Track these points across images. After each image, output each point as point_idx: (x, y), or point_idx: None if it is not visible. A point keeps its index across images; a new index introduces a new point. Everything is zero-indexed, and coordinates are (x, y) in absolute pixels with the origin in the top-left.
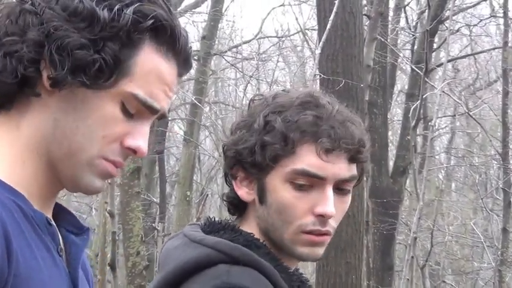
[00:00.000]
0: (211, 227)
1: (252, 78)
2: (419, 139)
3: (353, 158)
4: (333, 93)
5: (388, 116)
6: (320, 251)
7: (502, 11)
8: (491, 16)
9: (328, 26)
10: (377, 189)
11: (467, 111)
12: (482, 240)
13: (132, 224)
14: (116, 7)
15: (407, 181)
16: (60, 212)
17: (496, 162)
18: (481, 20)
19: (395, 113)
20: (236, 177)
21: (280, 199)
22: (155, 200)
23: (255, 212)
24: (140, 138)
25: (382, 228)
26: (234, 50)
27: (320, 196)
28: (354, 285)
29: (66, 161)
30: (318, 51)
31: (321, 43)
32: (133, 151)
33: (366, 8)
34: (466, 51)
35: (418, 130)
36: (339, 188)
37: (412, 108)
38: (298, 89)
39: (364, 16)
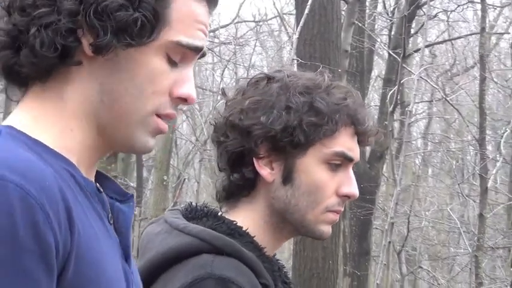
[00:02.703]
0: (193, 213)
1: (229, 63)
2: (396, 124)
3: (365, 142)
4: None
5: (365, 101)
6: (331, 228)
7: None
8: (469, 2)
9: (306, 11)
10: (354, 175)
11: (444, 96)
12: (458, 226)
13: None
14: None
15: (384, 166)
16: (100, 179)
17: (472, 148)
18: (459, 6)
19: (372, 98)
20: (260, 157)
21: (314, 180)
22: (132, 184)
23: (269, 193)
24: (188, 84)
25: (359, 214)
26: (211, 34)
27: (345, 177)
28: (331, 270)
29: (118, 123)
30: (295, 36)
31: (298, 28)
32: (184, 99)
33: None
34: (443, 36)
35: (395, 115)
36: None
37: (389, 94)
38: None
39: (341, 1)
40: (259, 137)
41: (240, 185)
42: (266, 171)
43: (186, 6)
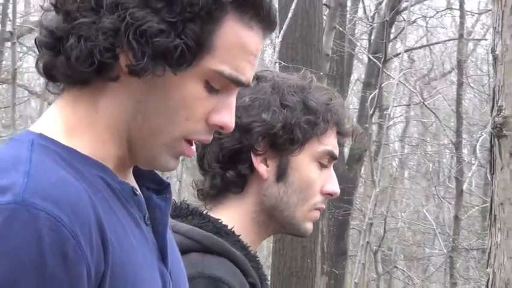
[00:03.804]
0: (177, 211)
1: None
2: (374, 127)
3: (343, 142)
4: None
5: (345, 104)
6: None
7: (458, 4)
8: (447, 8)
9: (290, 15)
10: None
11: (422, 100)
12: (434, 227)
13: None
14: None
15: (362, 168)
16: (139, 170)
17: (449, 151)
18: (437, 12)
19: (352, 101)
20: (258, 154)
21: (306, 177)
22: None
23: (260, 190)
24: (226, 113)
25: (337, 214)
26: None
27: (328, 176)
28: (309, 269)
29: (145, 142)
30: (278, 39)
31: (281, 31)
32: (220, 127)
33: None
34: (422, 42)
35: (374, 118)
36: None
37: (370, 97)
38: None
39: (323, 6)
40: (260, 134)
41: (233, 182)
42: (263, 167)
43: (235, 34)
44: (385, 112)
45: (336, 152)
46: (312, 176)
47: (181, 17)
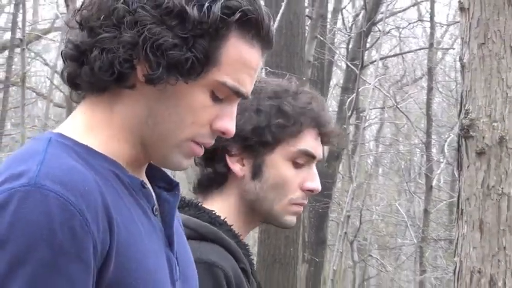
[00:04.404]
0: None
1: None
2: (351, 128)
3: (327, 142)
4: None
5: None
6: (295, 219)
7: (429, 16)
8: (419, 20)
9: (275, 25)
10: None
11: (395, 104)
12: (405, 220)
13: None
14: (206, 5)
15: (340, 165)
16: (153, 170)
17: (419, 151)
18: (410, 23)
19: (331, 104)
20: (232, 154)
21: (280, 175)
22: None
23: (240, 186)
24: (228, 120)
25: (317, 207)
26: None
27: (309, 173)
28: (292, 257)
29: (157, 144)
30: None
31: None
32: (222, 132)
33: (308, 9)
34: (395, 50)
35: (351, 120)
36: None
37: (348, 101)
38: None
39: (306, 17)
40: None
41: (212, 178)
42: (237, 167)
43: (237, 51)
44: (361, 114)
45: (315, 151)
46: (286, 174)
47: (192, 33)
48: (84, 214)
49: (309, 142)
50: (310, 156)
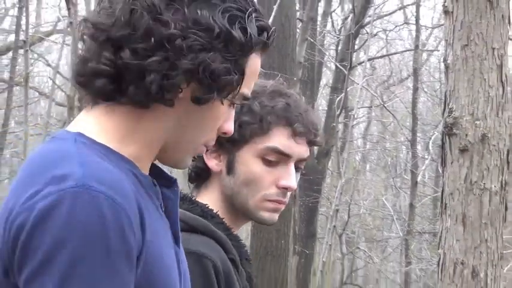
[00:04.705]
0: None
1: None
2: (340, 126)
3: (311, 142)
4: None
5: (315, 106)
6: (276, 216)
7: (415, 19)
8: (405, 23)
9: None
10: (304, 168)
11: (382, 103)
12: (391, 214)
13: None
14: (248, 26)
15: (329, 162)
16: (151, 166)
17: (405, 148)
18: (396, 26)
19: (320, 103)
20: (208, 149)
21: (250, 171)
22: None
23: (220, 181)
24: (231, 122)
25: (307, 201)
26: None
27: (285, 171)
28: (283, 249)
29: (177, 148)
30: None
31: None
32: (225, 133)
33: (299, 12)
34: (382, 52)
35: (340, 118)
36: (296, 166)
37: (337, 100)
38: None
39: (297, 20)
40: None
41: (198, 173)
42: (213, 162)
43: (254, 64)
44: (349, 113)
45: (288, 150)
46: (256, 171)
47: (237, 55)
48: (128, 214)
49: (280, 140)
50: (281, 154)
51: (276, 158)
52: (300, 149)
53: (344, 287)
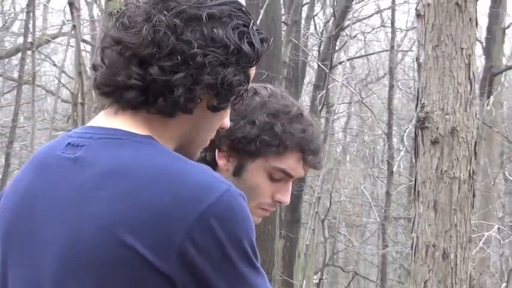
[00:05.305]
0: None
1: None
2: (322, 120)
3: (313, 167)
4: (257, 83)
5: (299, 102)
6: (261, 219)
7: (390, 22)
8: (381, 26)
9: None
10: None
11: (360, 99)
12: (369, 201)
13: None
14: (253, 40)
15: None
16: None
17: (382, 140)
18: (373, 29)
19: (304, 100)
20: (221, 150)
21: (255, 182)
22: None
23: (224, 177)
24: (228, 118)
25: (292, 190)
26: None
27: (283, 187)
28: (270, 233)
29: (192, 146)
30: None
31: None
32: (223, 128)
33: (284, 16)
34: (361, 52)
35: (322, 113)
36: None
37: (319, 97)
38: (279, 91)
39: (282, 23)
40: (223, 136)
41: (207, 162)
42: (223, 161)
43: (253, 70)
44: (331, 108)
45: (293, 172)
46: (260, 183)
47: (246, 67)
48: None
49: (289, 163)
50: (287, 175)
51: (280, 177)
52: (303, 172)
53: (326, 268)
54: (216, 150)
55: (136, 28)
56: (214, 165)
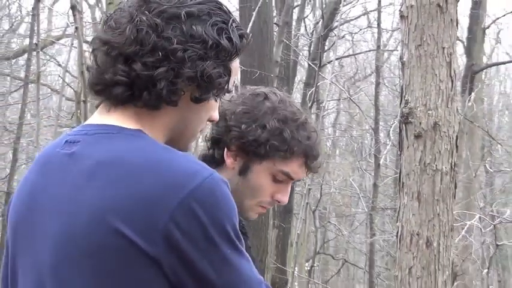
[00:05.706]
0: None
1: None
2: (312, 116)
3: (313, 171)
4: (250, 81)
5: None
6: (257, 215)
7: (377, 23)
8: (368, 27)
9: (247, 31)
10: None
11: (349, 96)
12: (358, 192)
13: None
14: (232, 35)
15: None
16: None
17: (369, 135)
18: (361, 29)
19: (295, 97)
20: (230, 150)
21: (259, 182)
22: None
23: (228, 174)
24: (217, 111)
25: None
26: None
27: (284, 188)
28: (263, 223)
29: (182, 139)
30: None
31: None
32: (212, 120)
33: (275, 18)
34: (349, 52)
35: (312, 110)
36: None
37: (309, 94)
38: (286, 98)
39: (274, 24)
40: (234, 137)
41: (214, 158)
42: (230, 160)
43: (236, 64)
44: (320, 105)
45: (295, 175)
46: (263, 183)
47: (226, 60)
48: None
49: (293, 167)
50: (289, 177)
51: (282, 179)
52: (303, 175)
53: (317, 256)
54: (225, 149)
55: (121, 29)
56: (221, 162)
